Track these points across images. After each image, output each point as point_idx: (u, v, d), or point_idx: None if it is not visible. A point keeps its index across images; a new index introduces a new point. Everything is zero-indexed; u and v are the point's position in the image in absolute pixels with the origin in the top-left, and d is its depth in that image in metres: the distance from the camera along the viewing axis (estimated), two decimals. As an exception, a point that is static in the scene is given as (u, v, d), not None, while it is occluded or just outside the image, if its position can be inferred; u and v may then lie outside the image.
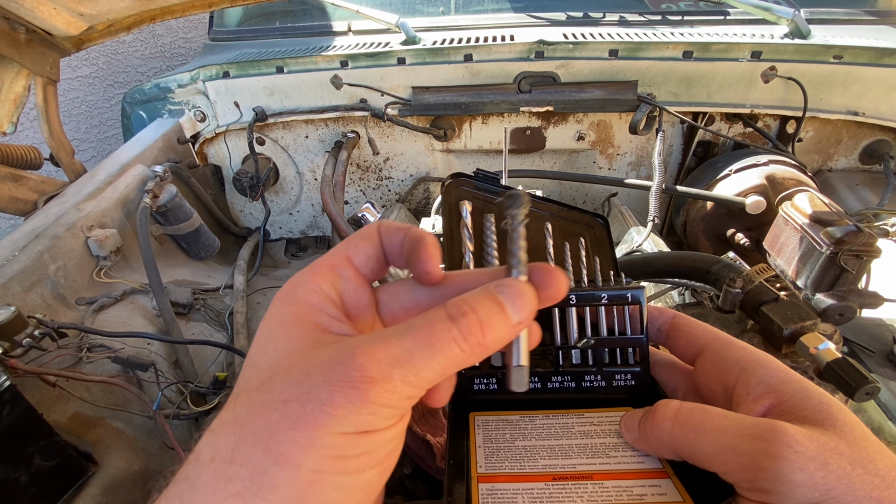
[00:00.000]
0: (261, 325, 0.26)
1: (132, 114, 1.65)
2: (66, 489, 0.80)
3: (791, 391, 0.27)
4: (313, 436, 0.20)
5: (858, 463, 0.23)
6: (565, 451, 0.29)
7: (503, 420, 0.33)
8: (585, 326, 0.35)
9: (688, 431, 0.27)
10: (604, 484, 0.28)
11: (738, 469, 0.25)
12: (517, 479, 0.27)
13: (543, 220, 0.41)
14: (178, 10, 1.27)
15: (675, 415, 0.28)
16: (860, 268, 0.82)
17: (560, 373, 0.34)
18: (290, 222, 1.88)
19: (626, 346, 0.35)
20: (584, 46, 1.36)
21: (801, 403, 0.26)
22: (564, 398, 0.34)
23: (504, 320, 0.24)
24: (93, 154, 2.48)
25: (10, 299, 0.96)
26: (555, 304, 0.28)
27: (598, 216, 0.44)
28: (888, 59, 1.27)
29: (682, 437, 0.27)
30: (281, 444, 0.20)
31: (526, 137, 1.57)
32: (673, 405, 0.28)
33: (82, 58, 2.32)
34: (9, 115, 1.17)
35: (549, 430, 0.31)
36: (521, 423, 0.32)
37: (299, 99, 1.55)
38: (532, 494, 0.26)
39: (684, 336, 0.33)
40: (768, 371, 0.28)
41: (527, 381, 0.26)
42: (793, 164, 1.29)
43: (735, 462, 0.25)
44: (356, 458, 0.21)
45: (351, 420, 0.21)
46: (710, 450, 0.26)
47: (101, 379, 0.95)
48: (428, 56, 1.43)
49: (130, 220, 1.31)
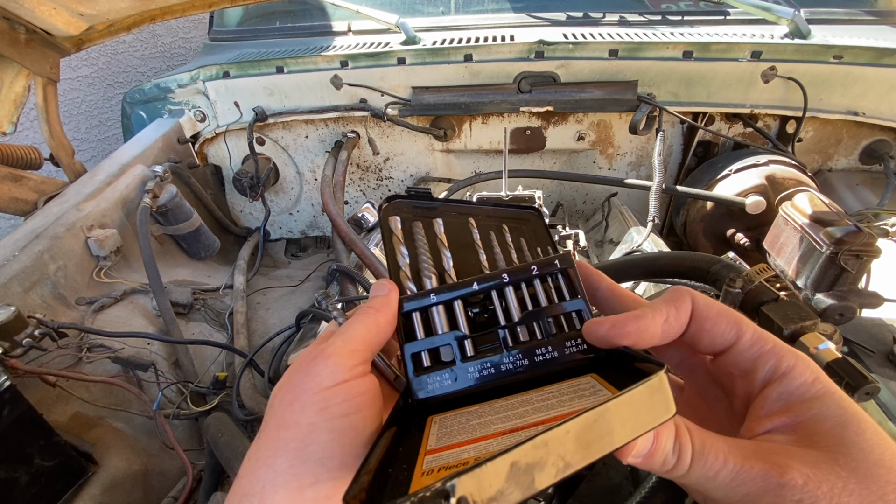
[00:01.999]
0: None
1: (132, 114, 1.65)
2: (66, 489, 0.80)
3: (809, 412, 0.26)
4: (302, 399, 0.29)
5: (868, 502, 0.23)
6: (521, 416, 0.28)
7: (462, 413, 0.32)
8: (526, 305, 0.36)
9: (701, 478, 0.26)
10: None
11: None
12: (465, 444, 0.27)
13: (466, 217, 0.43)
14: (178, 10, 1.27)
15: (690, 464, 0.26)
16: (860, 268, 0.82)
17: (510, 350, 0.34)
18: (290, 222, 1.88)
19: (567, 311, 0.35)
20: (584, 46, 1.36)
21: (815, 427, 0.26)
22: (523, 379, 0.34)
23: (381, 297, 0.35)
24: (93, 154, 2.48)
25: (10, 299, 0.96)
26: (490, 284, 0.35)
27: (531, 208, 0.47)
28: (888, 59, 1.27)
29: (697, 482, 0.26)
30: (284, 417, 0.29)
31: (526, 137, 1.57)
32: (686, 458, 0.26)
33: (82, 58, 2.32)
34: (9, 115, 1.17)
35: (507, 408, 0.30)
36: (480, 410, 0.31)
37: (299, 99, 1.55)
38: (479, 448, 0.26)
39: (709, 329, 0.30)
40: (791, 387, 0.27)
41: (404, 381, 0.34)
42: (793, 164, 1.29)
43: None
44: (338, 405, 0.28)
45: (324, 376, 0.29)
46: (718, 494, 0.26)
47: (101, 379, 0.95)
48: (428, 56, 1.43)
49: (130, 220, 1.31)
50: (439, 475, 0.23)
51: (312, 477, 0.26)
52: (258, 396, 1.01)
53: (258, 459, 0.28)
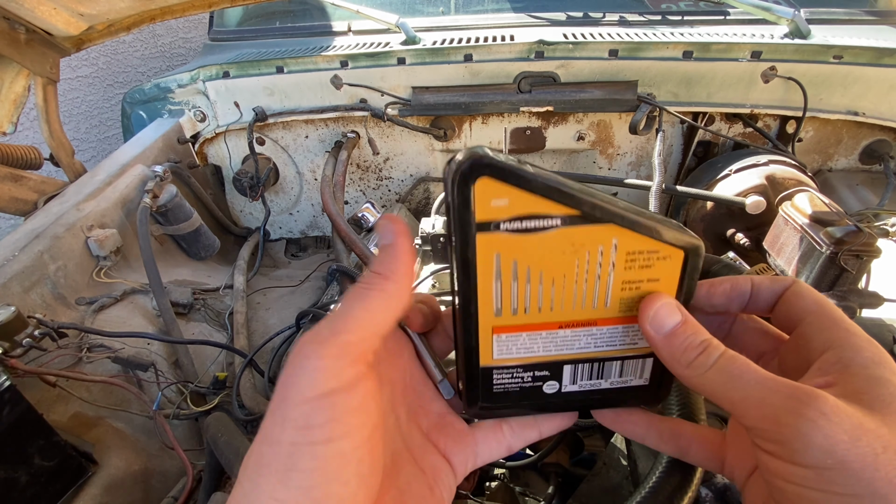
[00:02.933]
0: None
1: (132, 114, 1.65)
2: (66, 489, 0.80)
3: (865, 377, 0.25)
4: (283, 412, 0.24)
5: (893, 449, 0.23)
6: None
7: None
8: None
9: (724, 377, 0.27)
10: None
11: (757, 417, 0.25)
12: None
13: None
14: (178, 10, 1.27)
15: (716, 362, 0.27)
16: (860, 268, 0.82)
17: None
18: (290, 222, 1.88)
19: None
20: (584, 46, 1.36)
21: (866, 388, 0.25)
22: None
23: (396, 258, 0.27)
24: (93, 154, 2.48)
25: (10, 299, 0.96)
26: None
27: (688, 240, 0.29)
28: (888, 59, 1.27)
29: (713, 381, 0.27)
30: (266, 429, 0.24)
31: (526, 137, 1.57)
32: (718, 350, 0.28)
33: (82, 58, 2.32)
34: (9, 115, 1.17)
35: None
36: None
37: (299, 99, 1.55)
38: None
39: (788, 307, 0.31)
40: (857, 356, 0.26)
41: (451, 389, 0.31)
42: (793, 164, 1.29)
43: (757, 411, 0.25)
44: (321, 428, 0.23)
45: (304, 383, 0.24)
46: (735, 395, 0.26)
47: (101, 379, 0.95)
48: (428, 56, 1.43)
49: (130, 220, 1.31)
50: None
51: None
52: (258, 396, 1.01)
53: (246, 469, 0.25)
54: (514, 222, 0.27)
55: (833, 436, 0.23)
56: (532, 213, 0.26)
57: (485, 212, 0.26)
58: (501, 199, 0.26)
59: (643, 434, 0.33)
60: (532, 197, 0.26)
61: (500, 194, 0.26)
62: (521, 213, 0.26)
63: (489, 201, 0.26)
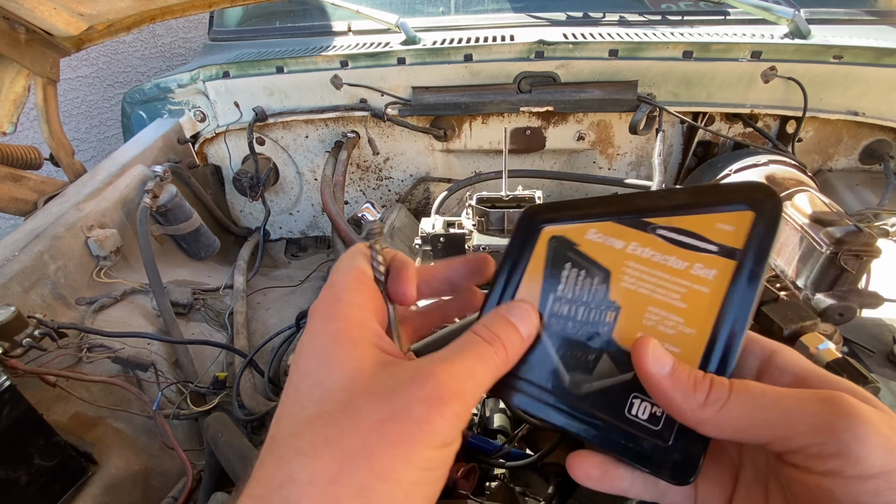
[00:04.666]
0: (309, 342, 0.27)
1: (132, 114, 1.65)
2: (66, 489, 0.80)
3: (817, 377, 0.25)
4: (410, 452, 0.23)
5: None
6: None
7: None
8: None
9: (749, 405, 0.24)
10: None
11: (806, 431, 0.22)
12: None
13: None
14: (178, 10, 1.27)
15: (732, 389, 0.24)
16: (860, 268, 0.82)
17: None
18: (290, 222, 1.88)
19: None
20: (584, 46, 1.36)
21: (831, 386, 0.24)
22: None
23: (519, 338, 0.29)
24: (93, 154, 2.48)
25: (10, 299, 0.96)
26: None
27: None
28: (888, 59, 1.27)
29: (738, 410, 0.24)
30: (384, 463, 0.22)
31: (526, 137, 1.57)
32: (725, 382, 0.25)
33: (82, 58, 2.32)
34: (9, 115, 1.17)
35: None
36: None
37: (299, 99, 1.55)
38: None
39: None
40: (787, 360, 0.26)
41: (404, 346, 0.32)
42: (793, 164, 1.29)
43: (803, 424, 0.22)
44: (438, 470, 0.24)
45: (441, 434, 0.23)
46: (769, 415, 0.23)
47: (101, 379, 0.95)
48: (428, 56, 1.43)
49: (130, 220, 1.31)
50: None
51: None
52: (258, 396, 1.01)
53: (338, 500, 0.22)
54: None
55: (885, 433, 0.21)
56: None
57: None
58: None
59: (627, 487, 0.30)
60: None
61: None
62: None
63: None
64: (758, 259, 0.27)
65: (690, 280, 0.28)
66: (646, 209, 0.31)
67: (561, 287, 0.31)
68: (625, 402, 0.28)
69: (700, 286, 0.28)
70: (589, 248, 0.31)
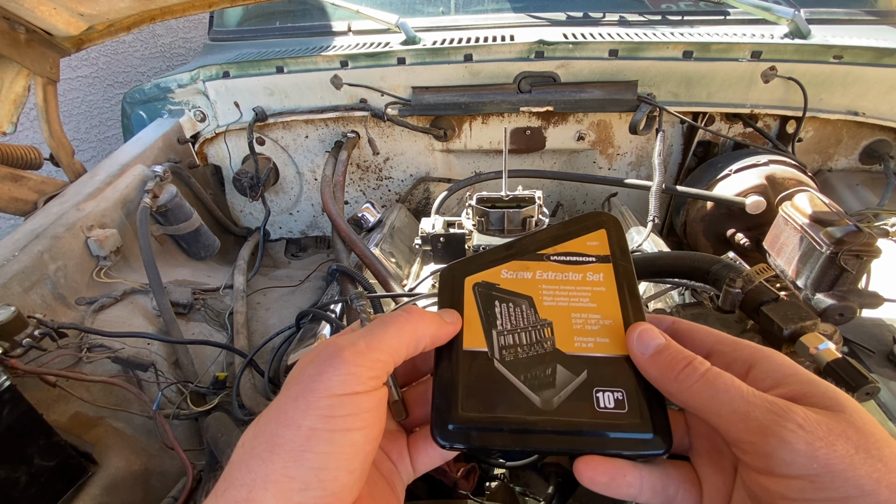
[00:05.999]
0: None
1: (132, 114, 1.65)
2: (66, 489, 0.80)
3: (798, 382, 0.28)
4: (308, 400, 0.27)
5: (863, 448, 0.24)
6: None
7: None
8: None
9: (712, 391, 0.28)
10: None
11: (745, 430, 0.26)
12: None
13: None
14: (178, 10, 1.27)
15: (703, 374, 0.29)
16: (860, 268, 0.82)
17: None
18: (290, 222, 1.88)
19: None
20: (584, 46, 1.36)
21: (809, 391, 0.27)
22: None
23: (421, 311, 0.33)
24: (93, 154, 2.48)
25: (10, 299, 0.96)
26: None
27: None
28: (888, 59, 1.27)
29: (701, 393, 0.28)
30: (287, 412, 0.27)
31: (526, 137, 1.57)
32: (704, 365, 0.29)
33: (82, 58, 2.32)
34: (9, 115, 1.17)
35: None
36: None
37: (299, 99, 1.55)
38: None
39: (687, 342, 0.32)
40: (774, 365, 0.29)
41: (403, 412, 0.34)
42: (793, 164, 1.29)
43: (744, 425, 0.26)
44: (343, 418, 0.27)
45: (335, 381, 0.28)
46: (723, 409, 0.27)
47: (101, 379, 0.95)
48: (428, 56, 1.43)
49: (130, 220, 1.31)
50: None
51: (303, 484, 0.26)
52: (258, 396, 1.01)
53: (254, 449, 0.27)
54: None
55: (812, 442, 0.24)
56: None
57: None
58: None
59: (636, 493, 0.31)
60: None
61: None
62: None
63: None
64: (622, 253, 0.38)
65: (590, 285, 0.37)
66: (537, 245, 0.39)
67: (500, 322, 0.36)
68: (591, 398, 0.32)
69: (598, 287, 0.36)
70: (507, 283, 0.37)
